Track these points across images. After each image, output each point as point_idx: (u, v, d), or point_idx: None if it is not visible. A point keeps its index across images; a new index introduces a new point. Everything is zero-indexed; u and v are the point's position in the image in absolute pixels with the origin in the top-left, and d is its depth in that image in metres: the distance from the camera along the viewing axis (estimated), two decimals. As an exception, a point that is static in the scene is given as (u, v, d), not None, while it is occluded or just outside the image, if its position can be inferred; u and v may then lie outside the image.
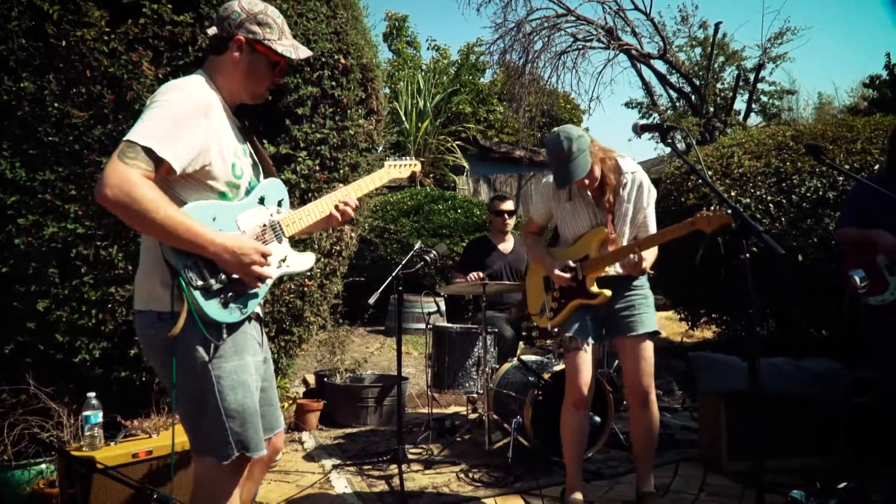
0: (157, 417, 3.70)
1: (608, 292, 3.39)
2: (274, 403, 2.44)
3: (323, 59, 4.35)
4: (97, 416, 3.31)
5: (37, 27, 3.62)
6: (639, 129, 3.01)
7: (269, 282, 2.25)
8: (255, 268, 2.11)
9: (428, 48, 19.62)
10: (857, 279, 3.65)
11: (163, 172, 1.96)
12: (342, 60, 4.43)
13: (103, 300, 3.78)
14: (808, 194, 5.62)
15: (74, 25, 3.64)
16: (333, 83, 4.42)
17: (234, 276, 2.12)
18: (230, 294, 2.12)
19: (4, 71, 3.59)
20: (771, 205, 5.70)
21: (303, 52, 2.28)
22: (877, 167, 5.37)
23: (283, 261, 2.34)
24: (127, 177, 1.86)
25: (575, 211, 3.49)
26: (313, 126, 4.37)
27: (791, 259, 5.32)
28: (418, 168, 2.98)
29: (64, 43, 3.62)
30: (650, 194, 3.48)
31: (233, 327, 2.16)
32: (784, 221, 5.60)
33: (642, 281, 3.52)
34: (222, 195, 2.16)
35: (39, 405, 3.65)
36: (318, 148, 4.39)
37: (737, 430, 3.99)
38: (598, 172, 3.31)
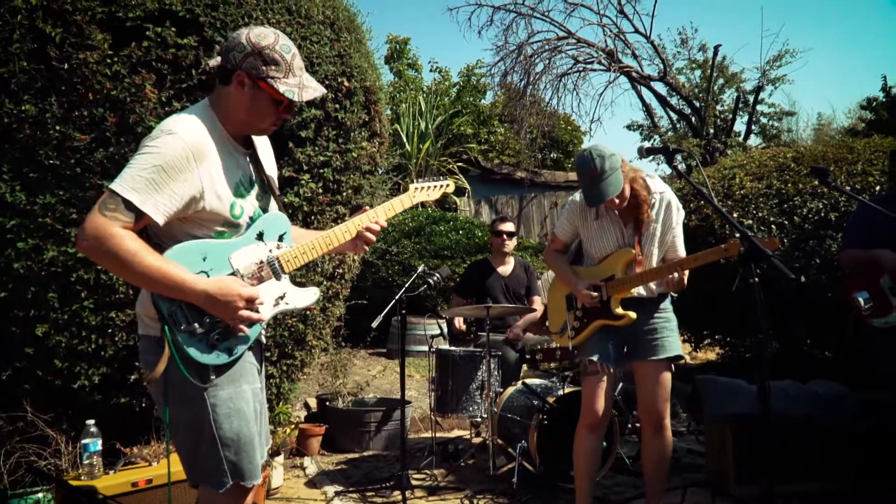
0: (158, 444, 3.65)
1: (633, 314, 3.34)
2: (262, 435, 2.36)
3: (326, 82, 4.34)
4: (96, 444, 3.28)
5: (39, 50, 3.61)
6: (644, 152, 3.00)
7: (263, 323, 2.20)
8: (241, 313, 2.07)
9: (430, 70, 19.75)
10: (862, 301, 3.62)
11: (145, 223, 1.97)
12: (346, 83, 4.42)
13: (103, 325, 3.74)
14: (810, 216, 5.61)
15: (77, 48, 3.63)
16: (337, 106, 4.41)
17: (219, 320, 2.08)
18: (216, 336, 2.08)
19: (6, 94, 3.57)
20: (773, 226, 5.69)
21: (309, 94, 2.14)
22: (878, 188, 5.36)
23: (282, 298, 2.27)
24: (104, 230, 1.89)
25: (602, 230, 3.44)
26: (316, 149, 4.36)
27: (794, 281, 5.29)
28: (451, 188, 2.81)
29: (66, 66, 3.61)
30: (679, 214, 3.44)
31: (223, 367, 2.12)
32: (786, 243, 5.58)
33: (666, 304, 3.47)
34: (219, 234, 2.14)
35: (37, 433, 3.59)
36: (322, 171, 4.37)
37: (744, 454, 3.94)
38: (627, 192, 3.26)
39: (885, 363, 3.66)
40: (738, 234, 2.52)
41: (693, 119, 15.15)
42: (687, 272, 3.27)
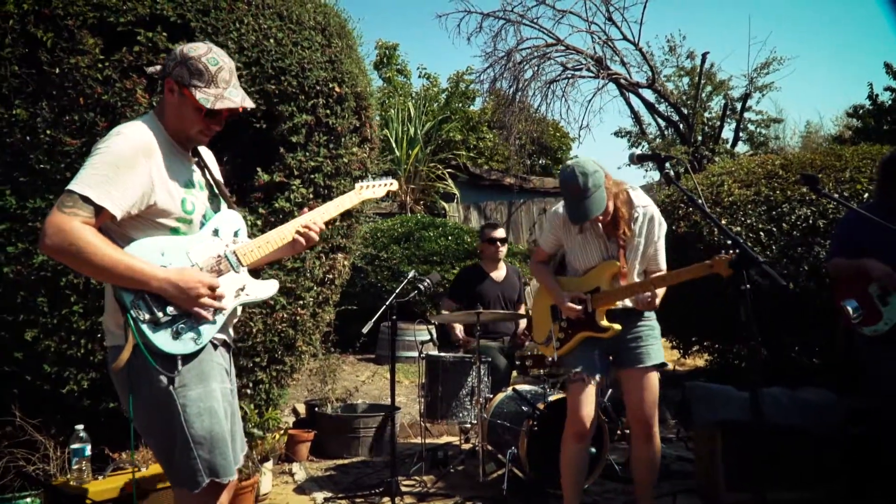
0: (146, 450, 3.62)
1: (618, 326, 3.35)
2: (236, 439, 2.39)
3: (318, 88, 4.34)
4: (86, 450, 3.27)
5: (30, 54, 3.60)
6: (636, 159, 3.02)
7: (226, 312, 2.28)
8: (203, 300, 2.16)
9: (419, 76, 19.77)
10: (851, 309, 3.64)
11: (104, 218, 2.06)
12: (337, 89, 4.42)
13: (92, 330, 3.72)
14: (799, 223, 5.64)
15: (68, 53, 3.62)
16: (328, 111, 4.41)
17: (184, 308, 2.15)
18: (181, 325, 2.15)
19: (-4, 98, 3.56)
20: (762, 233, 5.72)
21: (223, 104, 2.22)
22: (866, 196, 5.40)
23: (242, 289, 2.36)
24: (65, 225, 1.97)
25: (585, 242, 3.45)
26: (307, 154, 4.35)
27: (785, 288, 5.33)
28: (395, 187, 2.99)
29: (57, 70, 3.60)
30: (661, 228, 3.47)
31: (190, 357, 2.19)
32: (775, 250, 5.61)
33: (650, 312, 3.49)
34: (174, 231, 2.23)
35: (25, 437, 3.56)
36: (312, 176, 4.37)
37: (734, 462, 3.96)
38: (611, 207, 3.28)
39: (875, 371, 3.69)
40: (729, 241, 2.55)
41: (681, 126, 15.23)
42: (661, 292, 3.30)
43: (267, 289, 2.46)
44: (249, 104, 2.31)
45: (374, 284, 9.09)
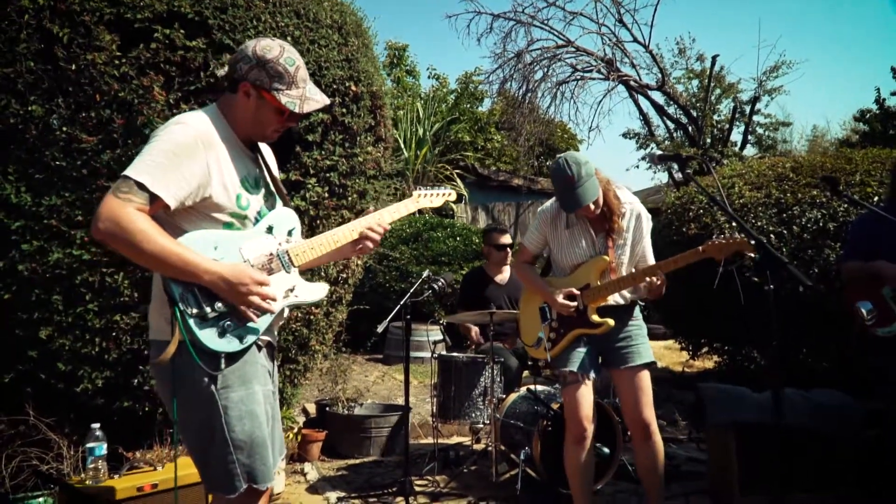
0: (160, 449, 3.62)
1: (611, 321, 3.35)
2: (276, 441, 2.35)
3: (334, 86, 4.33)
4: (101, 448, 3.25)
5: (46, 50, 3.58)
6: (657, 159, 3.02)
7: (273, 312, 2.22)
8: (253, 298, 2.09)
9: (428, 77, 19.77)
10: (864, 311, 3.63)
11: (158, 207, 2.00)
12: (353, 87, 4.41)
13: (107, 328, 3.71)
14: (809, 225, 5.63)
15: (85, 49, 3.60)
16: (344, 110, 4.41)
17: (232, 305, 2.10)
18: (228, 323, 2.10)
19: (12, 94, 3.54)
20: (772, 235, 5.70)
21: (311, 106, 2.23)
22: (876, 199, 5.39)
23: (291, 290, 2.30)
24: (118, 210, 1.92)
25: (573, 239, 3.45)
26: (323, 153, 4.34)
27: (810, 288, 5.32)
28: (453, 197, 2.94)
29: (74, 66, 3.58)
30: (648, 224, 3.49)
31: (234, 357, 2.13)
32: (785, 252, 5.59)
33: (637, 311, 3.51)
34: (227, 226, 2.17)
35: (39, 436, 3.55)
36: (328, 175, 4.36)
37: (748, 464, 3.94)
38: (601, 199, 3.30)
39: (887, 372, 3.67)
40: (752, 242, 2.53)
41: (690, 128, 15.20)
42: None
43: (317, 291, 2.40)
44: (327, 101, 2.30)
45: (381, 285, 9.09)
